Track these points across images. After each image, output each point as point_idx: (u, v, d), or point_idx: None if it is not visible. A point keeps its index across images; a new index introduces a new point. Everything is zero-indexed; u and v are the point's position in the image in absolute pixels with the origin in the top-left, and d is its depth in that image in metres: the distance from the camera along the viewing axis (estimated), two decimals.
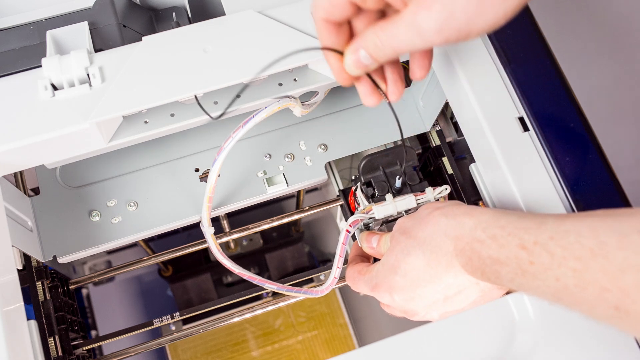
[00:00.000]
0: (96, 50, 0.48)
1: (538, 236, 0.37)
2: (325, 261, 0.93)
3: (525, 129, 0.47)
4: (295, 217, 0.62)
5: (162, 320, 0.58)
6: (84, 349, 0.56)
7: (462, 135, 0.54)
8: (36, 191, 0.57)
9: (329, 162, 0.60)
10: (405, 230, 0.45)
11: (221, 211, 0.57)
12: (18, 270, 0.47)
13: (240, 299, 0.60)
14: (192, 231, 0.88)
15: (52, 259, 0.54)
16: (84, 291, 0.92)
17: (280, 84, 0.50)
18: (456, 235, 0.41)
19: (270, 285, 0.55)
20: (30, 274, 0.53)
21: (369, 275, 0.48)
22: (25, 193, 0.56)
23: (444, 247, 0.42)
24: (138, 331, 0.58)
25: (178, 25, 0.49)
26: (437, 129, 0.61)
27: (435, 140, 0.61)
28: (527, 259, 0.36)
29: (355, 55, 0.40)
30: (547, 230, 0.36)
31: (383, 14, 0.41)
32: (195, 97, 0.46)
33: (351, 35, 0.42)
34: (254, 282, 0.55)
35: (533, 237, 0.37)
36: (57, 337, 0.52)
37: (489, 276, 0.39)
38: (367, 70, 0.41)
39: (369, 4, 0.39)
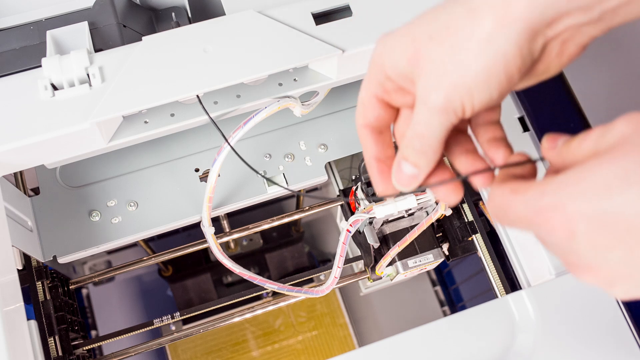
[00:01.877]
0: (96, 50, 0.48)
1: None
2: (325, 261, 0.93)
3: (525, 129, 0.47)
4: (295, 217, 0.62)
5: (162, 320, 0.58)
6: (84, 349, 0.56)
7: None
8: (36, 191, 0.57)
9: (329, 162, 0.60)
10: None
11: (221, 211, 0.57)
12: (18, 270, 0.47)
13: (240, 299, 0.60)
14: (192, 231, 0.88)
15: (52, 259, 0.54)
16: (84, 291, 0.92)
17: (280, 84, 0.50)
18: None
19: (270, 285, 0.55)
20: (30, 274, 0.53)
21: (542, 190, 0.27)
22: (25, 193, 0.56)
23: None
24: (138, 331, 0.58)
25: (178, 25, 0.49)
26: None
27: None
28: None
29: (398, 171, 0.32)
30: None
31: None
32: (198, 96, 0.46)
33: None
34: (255, 282, 0.55)
35: None
36: (57, 337, 0.52)
37: None
38: (418, 181, 0.32)
39: (395, 98, 0.33)
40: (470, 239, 0.56)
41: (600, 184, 0.25)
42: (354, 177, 0.63)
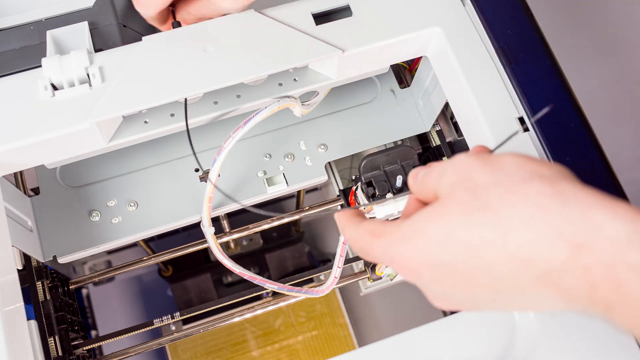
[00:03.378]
0: (96, 50, 0.48)
1: None
2: (325, 261, 0.93)
3: (525, 129, 0.47)
4: (295, 217, 0.62)
5: (162, 320, 0.58)
6: (84, 349, 0.56)
7: (462, 135, 0.53)
8: (36, 191, 0.57)
9: (329, 162, 0.60)
10: (477, 189, 0.29)
11: (221, 211, 0.57)
12: (18, 270, 0.47)
13: (240, 299, 0.60)
14: (192, 231, 0.88)
15: (52, 259, 0.54)
16: (84, 291, 0.92)
17: (280, 84, 0.50)
18: (581, 242, 0.26)
19: (270, 285, 0.55)
20: (30, 274, 0.53)
21: (391, 239, 0.32)
22: (25, 193, 0.56)
23: (544, 252, 0.26)
24: (138, 331, 0.58)
25: (178, 25, 0.49)
26: (437, 129, 0.61)
27: (435, 140, 0.61)
28: None
29: None
30: None
31: None
32: (185, 100, 0.46)
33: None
34: (255, 282, 0.55)
35: None
36: (57, 337, 0.52)
37: (625, 320, 0.25)
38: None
39: None
40: None
41: (434, 239, 0.29)
42: (354, 177, 0.63)
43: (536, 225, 0.26)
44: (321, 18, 0.49)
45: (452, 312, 0.40)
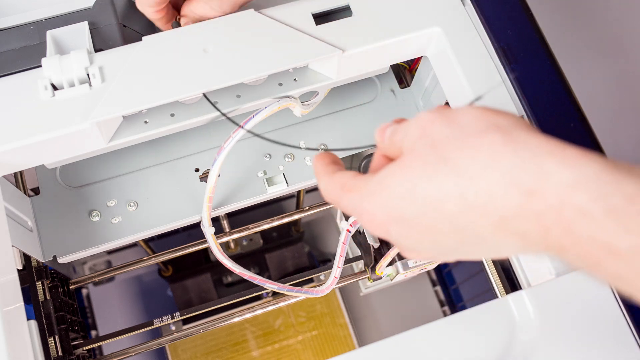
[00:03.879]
0: (96, 50, 0.48)
1: None
2: (325, 261, 0.93)
3: None
4: (295, 217, 0.62)
5: (162, 320, 0.58)
6: (84, 349, 0.56)
7: None
8: (36, 191, 0.57)
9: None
10: (436, 143, 0.30)
11: (221, 211, 0.57)
12: (18, 270, 0.47)
13: (240, 299, 0.60)
14: (192, 231, 0.88)
15: (52, 259, 0.54)
16: (84, 291, 0.92)
17: (280, 84, 0.50)
18: (529, 188, 0.27)
19: (270, 285, 0.55)
20: (30, 274, 0.53)
21: (359, 195, 0.33)
22: (25, 193, 0.56)
23: (498, 200, 0.27)
24: (138, 331, 0.58)
25: (178, 25, 0.49)
26: None
27: None
28: None
29: None
30: None
31: None
32: (204, 94, 0.46)
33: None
34: (255, 282, 0.55)
35: None
36: (57, 337, 0.52)
37: (578, 261, 0.27)
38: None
39: None
40: None
41: (397, 194, 0.30)
42: None
43: (490, 174, 0.27)
44: (321, 18, 0.49)
45: (452, 312, 0.41)
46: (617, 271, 0.25)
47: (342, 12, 0.49)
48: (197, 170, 0.58)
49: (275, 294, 0.60)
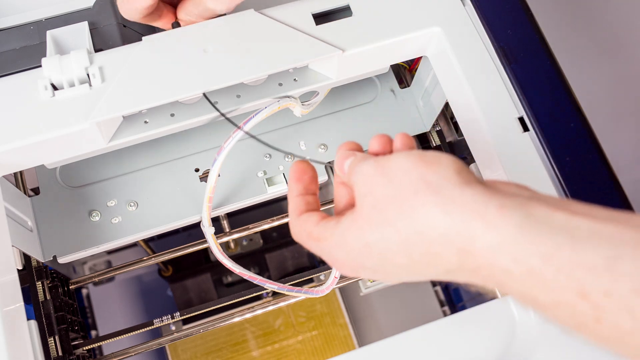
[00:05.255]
0: (96, 50, 0.48)
1: (613, 284, 0.25)
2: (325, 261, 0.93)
3: (525, 129, 0.47)
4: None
5: (162, 320, 0.58)
6: (84, 349, 0.56)
7: (462, 135, 0.54)
8: (36, 191, 0.57)
9: (328, 163, 0.60)
10: (379, 205, 0.33)
11: (221, 211, 0.57)
12: (18, 270, 0.47)
13: (240, 299, 0.60)
14: (192, 231, 0.88)
15: (52, 259, 0.54)
16: (84, 291, 0.92)
17: (280, 84, 0.50)
18: (463, 248, 0.29)
19: (270, 285, 0.55)
20: (30, 274, 0.53)
21: (325, 245, 0.36)
22: (25, 193, 0.56)
23: (440, 259, 0.31)
24: (138, 331, 0.58)
25: (178, 25, 0.49)
26: (437, 129, 0.61)
27: (435, 140, 0.61)
28: (592, 315, 0.26)
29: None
30: (629, 276, 0.24)
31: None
32: (204, 94, 0.46)
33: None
34: (255, 282, 0.55)
35: (603, 285, 0.25)
36: (57, 337, 0.52)
37: (514, 297, 0.30)
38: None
39: None
40: None
41: (356, 249, 0.34)
42: None
43: (428, 237, 0.30)
44: (321, 18, 0.49)
45: (452, 312, 0.42)
46: (543, 314, 0.28)
47: (342, 12, 0.49)
48: (197, 170, 0.58)
49: (275, 294, 0.60)
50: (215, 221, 0.59)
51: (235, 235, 0.62)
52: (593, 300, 0.25)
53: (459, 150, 0.61)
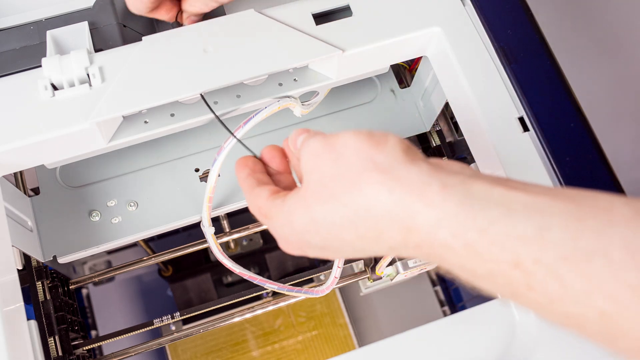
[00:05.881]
0: (96, 50, 0.48)
1: (542, 252, 0.26)
2: (325, 261, 0.93)
3: (525, 129, 0.47)
4: None
5: (162, 320, 0.58)
6: (84, 349, 0.56)
7: (462, 135, 0.54)
8: (36, 191, 0.57)
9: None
10: (325, 181, 0.33)
11: (221, 211, 0.57)
12: (18, 270, 0.47)
13: (240, 299, 0.60)
14: (192, 231, 0.88)
15: (52, 259, 0.54)
16: (84, 291, 0.92)
17: (280, 84, 0.50)
18: (407, 225, 0.30)
19: (270, 285, 0.55)
20: (30, 274, 0.53)
21: (274, 222, 0.37)
22: (25, 193, 0.56)
23: (385, 235, 0.31)
24: (138, 331, 0.58)
25: (178, 25, 0.49)
26: (437, 129, 0.61)
27: (435, 140, 0.61)
28: (524, 282, 0.27)
29: None
30: (556, 245, 0.26)
31: None
32: (201, 95, 0.46)
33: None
34: (255, 282, 0.55)
35: (533, 253, 0.26)
36: (57, 337, 0.52)
37: (453, 273, 0.31)
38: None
39: None
40: None
41: (303, 226, 0.34)
42: None
43: (375, 214, 0.31)
44: (321, 18, 0.49)
45: (452, 312, 0.42)
46: (479, 287, 0.30)
47: (342, 12, 0.49)
48: (197, 170, 0.58)
49: (275, 294, 0.60)
50: (215, 221, 0.59)
51: (235, 235, 0.62)
52: (524, 268, 0.27)
53: (459, 150, 0.61)
